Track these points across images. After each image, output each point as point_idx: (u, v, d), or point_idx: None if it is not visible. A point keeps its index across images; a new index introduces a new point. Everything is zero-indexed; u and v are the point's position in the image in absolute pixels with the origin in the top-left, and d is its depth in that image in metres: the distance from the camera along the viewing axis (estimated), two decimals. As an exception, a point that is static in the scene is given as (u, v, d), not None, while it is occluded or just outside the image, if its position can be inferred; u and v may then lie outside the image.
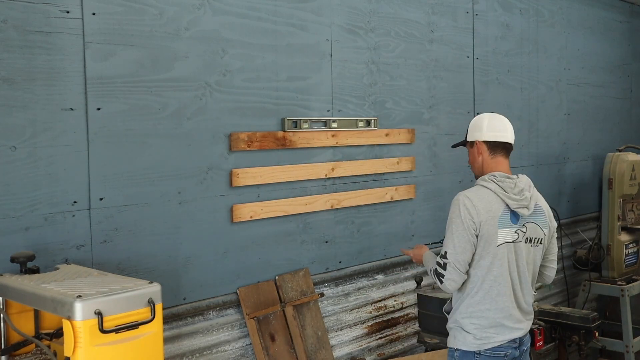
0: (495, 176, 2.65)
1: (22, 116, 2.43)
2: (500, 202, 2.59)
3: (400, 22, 3.90)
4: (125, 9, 2.69)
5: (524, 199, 2.62)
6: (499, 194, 2.60)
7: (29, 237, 2.46)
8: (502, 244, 2.59)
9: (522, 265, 2.66)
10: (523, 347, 2.78)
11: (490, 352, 2.66)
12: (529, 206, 2.63)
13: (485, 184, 2.64)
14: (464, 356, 2.69)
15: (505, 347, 2.67)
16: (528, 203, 2.62)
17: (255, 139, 3.15)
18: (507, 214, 2.60)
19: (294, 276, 3.37)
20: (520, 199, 2.61)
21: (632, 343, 4.80)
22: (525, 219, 2.64)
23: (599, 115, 5.81)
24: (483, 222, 2.56)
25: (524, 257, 2.65)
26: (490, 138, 2.72)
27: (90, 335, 1.91)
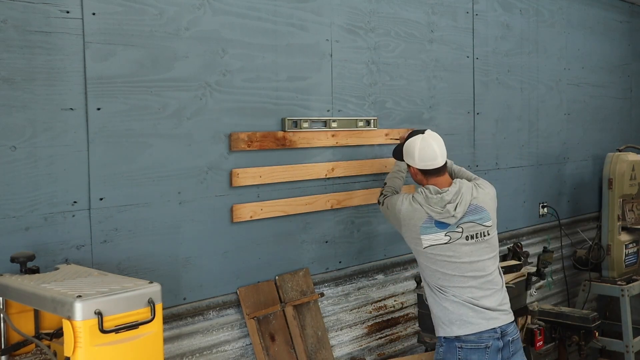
0: (427, 190, 3.01)
1: (22, 116, 2.43)
2: (423, 212, 2.98)
3: (400, 22, 3.90)
4: (125, 9, 2.69)
5: (445, 212, 2.95)
6: (423, 206, 2.98)
7: (29, 237, 2.46)
8: (429, 247, 2.97)
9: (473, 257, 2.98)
10: (507, 337, 3.00)
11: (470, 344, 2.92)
12: (456, 214, 2.95)
13: (416, 197, 3.04)
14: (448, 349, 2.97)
15: (485, 338, 2.93)
16: (450, 214, 2.94)
17: (255, 139, 3.15)
18: (431, 222, 2.98)
19: (294, 276, 3.37)
20: (442, 211, 2.96)
21: (632, 343, 4.80)
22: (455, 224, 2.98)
23: (599, 115, 5.82)
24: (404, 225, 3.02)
25: (472, 252, 2.99)
26: (422, 167, 3.08)
27: (90, 335, 1.91)
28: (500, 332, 2.96)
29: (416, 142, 3.09)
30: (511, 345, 3.01)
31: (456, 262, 2.96)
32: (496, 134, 4.68)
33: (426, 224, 2.97)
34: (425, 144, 3.07)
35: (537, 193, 5.15)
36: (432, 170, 3.06)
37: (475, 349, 2.92)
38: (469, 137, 4.44)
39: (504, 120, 4.74)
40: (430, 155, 3.05)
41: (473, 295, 2.96)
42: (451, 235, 2.97)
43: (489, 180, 4.59)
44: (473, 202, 3.03)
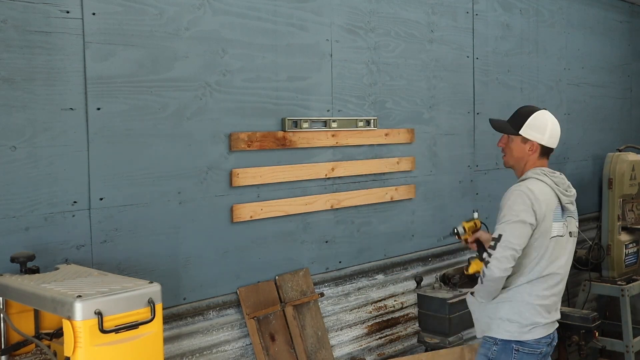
0: (545, 171, 2.73)
1: (22, 116, 2.43)
2: (554, 196, 2.68)
3: (400, 22, 3.90)
4: (125, 9, 2.69)
5: (572, 195, 2.75)
6: (553, 188, 2.69)
7: (29, 237, 2.46)
8: (554, 237, 2.67)
9: (565, 258, 2.75)
10: (553, 342, 2.84)
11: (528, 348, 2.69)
12: (573, 202, 2.76)
13: (541, 178, 2.70)
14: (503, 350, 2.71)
15: (542, 343, 2.73)
16: (574, 198, 2.76)
17: (255, 139, 3.15)
18: (559, 208, 2.70)
19: (294, 276, 3.37)
20: (569, 194, 2.74)
21: (632, 343, 4.80)
22: (567, 213, 2.74)
23: (599, 115, 5.81)
24: (544, 216, 2.63)
25: (568, 251, 2.76)
26: (549, 144, 2.82)
27: (90, 335, 1.91)
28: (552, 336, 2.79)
29: (547, 118, 2.83)
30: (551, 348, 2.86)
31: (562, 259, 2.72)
32: (496, 134, 4.66)
33: (557, 209, 2.69)
34: (556, 122, 2.86)
35: (537, 193, 5.13)
36: (550, 150, 2.83)
37: (531, 354, 2.71)
38: (469, 137, 4.44)
39: (504, 120, 4.73)
40: (558, 134, 2.85)
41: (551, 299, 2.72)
42: (564, 227, 2.72)
43: (489, 180, 4.63)
44: None
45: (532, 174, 2.74)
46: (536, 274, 2.67)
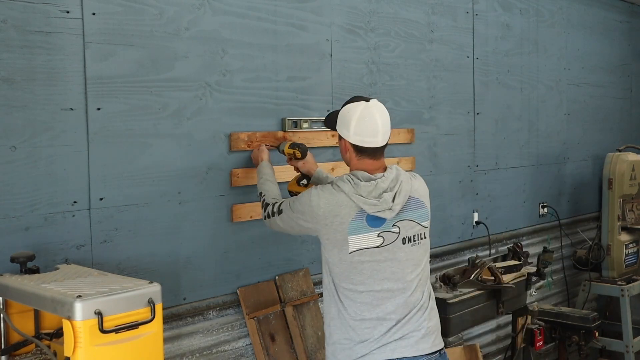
0: (355, 176, 2.42)
1: (22, 116, 2.43)
2: (353, 206, 2.37)
3: (400, 22, 3.90)
4: (125, 9, 2.69)
5: (383, 202, 2.36)
6: (352, 197, 2.36)
7: (29, 237, 2.46)
8: (357, 251, 2.37)
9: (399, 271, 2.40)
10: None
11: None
12: (393, 207, 2.38)
13: (340, 186, 2.41)
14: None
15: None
16: (389, 206, 2.37)
17: (255, 139, 3.15)
18: (363, 218, 2.37)
19: (294, 276, 3.37)
20: (378, 202, 2.35)
21: (632, 343, 4.81)
22: (393, 219, 2.41)
23: (599, 115, 5.82)
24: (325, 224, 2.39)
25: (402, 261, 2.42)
26: (356, 142, 2.47)
27: (90, 335, 1.91)
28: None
29: (356, 110, 2.48)
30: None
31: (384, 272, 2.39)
32: (496, 134, 4.68)
33: (356, 220, 2.36)
34: (367, 114, 2.46)
35: (537, 193, 5.14)
36: (368, 149, 2.45)
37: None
38: (469, 137, 4.44)
39: (504, 120, 4.74)
40: (370, 129, 2.44)
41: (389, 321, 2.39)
42: (385, 236, 2.39)
43: (489, 180, 4.63)
44: (413, 194, 2.48)
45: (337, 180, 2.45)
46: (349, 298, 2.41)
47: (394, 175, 2.44)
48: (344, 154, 2.57)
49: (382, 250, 2.39)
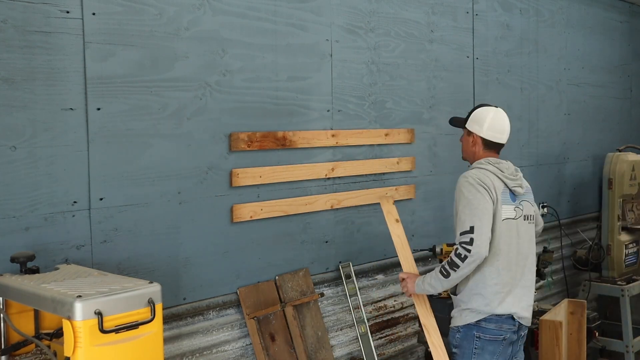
0: (490, 160, 2.89)
1: (22, 116, 2.43)
2: (499, 181, 2.82)
3: (400, 22, 3.90)
4: (125, 9, 2.69)
5: (518, 178, 2.88)
6: (497, 174, 2.83)
7: (29, 237, 2.46)
8: (505, 220, 2.80)
9: (523, 241, 2.86)
10: (521, 332, 2.91)
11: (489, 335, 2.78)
12: (522, 185, 2.89)
13: (483, 167, 2.86)
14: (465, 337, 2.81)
15: (504, 330, 2.80)
16: (522, 182, 2.90)
17: (255, 139, 3.15)
18: (507, 192, 2.83)
19: (294, 276, 3.37)
20: (515, 178, 2.87)
21: (632, 343, 4.80)
22: (520, 197, 2.89)
23: (599, 115, 5.82)
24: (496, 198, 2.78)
25: (525, 234, 2.87)
26: (488, 137, 2.95)
27: (90, 335, 1.91)
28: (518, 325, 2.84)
29: (489, 112, 2.98)
30: (520, 340, 2.93)
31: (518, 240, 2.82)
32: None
33: (504, 193, 2.82)
34: (499, 116, 2.97)
35: (537, 193, 5.11)
36: (495, 144, 2.95)
37: (492, 341, 2.79)
38: (469, 137, 4.43)
39: (504, 120, 4.73)
40: (501, 127, 2.95)
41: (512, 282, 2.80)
42: (517, 210, 2.85)
43: (489, 180, 4.63)
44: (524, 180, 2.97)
45: (476, 164, 2.91)
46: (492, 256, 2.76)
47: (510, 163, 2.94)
48: (470, 147, 2.99)
49: (514, 223, 2.83)
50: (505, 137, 2.98)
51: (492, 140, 2.95)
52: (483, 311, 2.78)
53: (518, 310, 2.82)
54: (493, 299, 2.77)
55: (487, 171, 2.84)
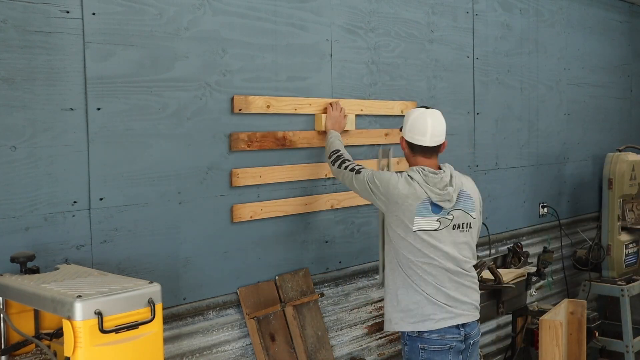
0: (424, 169, 2.88)
1: (22, 116, 2.43)
2: (422, 192, 2.83)
3: (400, 22, 3.90)
4: (125, 9, 2.69)
5: (446, 194, 2.85)
6: (422, 186, 2.84)
7: (29, 237, 2.46)
8: (419, 231, 2.83)
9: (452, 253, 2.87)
10: (470, 340, 2.93)
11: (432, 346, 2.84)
12: (452, 199, 2.86)
13: (412, 175, 2.88)
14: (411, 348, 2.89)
15: (448, 339, 2.85)
16: (450, 197, 2.85)
17: (255, 139, 3.15)
18: (427, 204, 2.84)
19: (294, 276, 3.38)
20: (443, 193, 2.85)
21: (632, 343, 4.81)
22: (449, 208, 2.88)
23: (599, 115, 5.82)
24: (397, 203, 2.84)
25: (452, 243, 2.88)
26: (409, 139, 2.98)
27: (90, 335, 1.91)
28: (464, 333, 2.89)
29: (414, 112, 2.99)
30: (471, 347, 2.94)
31: (440, 252, 2.84)
32: (496, 134, 4.68)
33: (423, 205, 2.83)
34: (421, 117, 2.94)
35: (537, 193, 5.15)
36: (418, 147, 2.94)
37: (438, 351, 2.84)
38: (469, 137, 4.44)
39: (504, 120, 4.74)
40: (420, 129, 2.92)
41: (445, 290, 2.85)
42: (441, 221, 2.85)
43: (489, 180, 4.63)
44: (463, 188, 2.95)
45: (409, 171, 2.92)
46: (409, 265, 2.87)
47: (450, 172, 2.92)
48: (403, 149, 3.05)
49: (437, 233, 2.84)
50: (427, 140, 2.91)
51: (413, 142, 2.95)
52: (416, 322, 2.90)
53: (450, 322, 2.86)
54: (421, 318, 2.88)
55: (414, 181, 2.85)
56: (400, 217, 2.85)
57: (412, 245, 2.84)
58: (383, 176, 2.91)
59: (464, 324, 2.88)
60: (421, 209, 2.82)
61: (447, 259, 2.86)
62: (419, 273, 2.85)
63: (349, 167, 3.02)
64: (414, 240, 2.83)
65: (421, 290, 2.85)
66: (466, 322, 2.89)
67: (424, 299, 2.84)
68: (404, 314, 2.89)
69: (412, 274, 2.87)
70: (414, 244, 2.84)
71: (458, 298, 2.88)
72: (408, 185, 2.84)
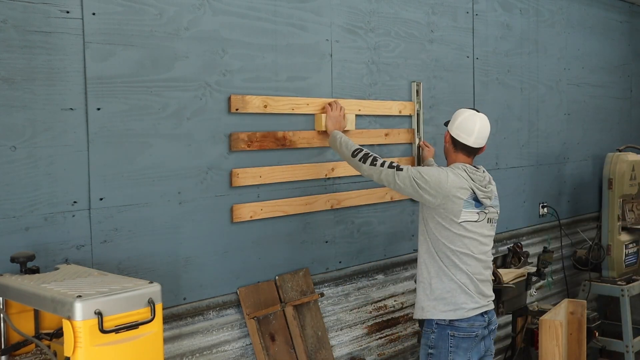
0: (467, 167, 3.05)
1: (22, 116, 2.43)
2: (469, 188, 2.99)
3: (400, 22, 3.90)
4: (125, 9, 2.69)
5: (489, 192, 3.07)
6: (468, 182, 3.00)
7: (29, 237, 2.46)
8: (464, 222, 2.99)
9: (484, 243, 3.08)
10: (491, 326, 3.13)
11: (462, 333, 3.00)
12: (492, 197, 3.09)
13: (459, 172, 3.02)
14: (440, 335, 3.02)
15: (476, 327, 3.02)
16: (491, 195, 3.08)
17: (255, 139, 3.15)
18: (472, 199, 3.00)
19: (294, 276, 3.37)
20: (486, 191, 3.05)
21: (632, 343, 4.81)
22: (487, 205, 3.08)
23: (599, 115, 5.82)
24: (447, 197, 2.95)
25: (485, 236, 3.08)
26: (454, 135, 3.12)
27: (90, 335, 1.91)
28: (487, 320, 3.08)
29: (465, 112, 3.13)
30: (492, 334, 3.14)
31: (477, 242, 3.03)
32: (496, 134, 4.68)
33: (469, 198, 2.99)
34: (471, 118, 3.09)
35: (537, 193, 5.15)
36: (462, 145, 3.08)
37: (466, 338, 3.00)
38: (469, 137, 4.43)
39: (504, 120, 4.74)
40: (469, 129, 3.07)
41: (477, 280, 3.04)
42: (480, 214, 3.04)
43: (489, 180, 4.63)
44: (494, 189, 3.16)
45: (454, 167, 3.07)
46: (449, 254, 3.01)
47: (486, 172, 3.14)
48: (445, 143, 3.20)
49: (477, 225, 3.03)
50: (472, 140, 3.06)
51: (457, 139, 3.09)
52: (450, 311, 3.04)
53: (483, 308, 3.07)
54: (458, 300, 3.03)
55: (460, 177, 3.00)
56: (448, 209, 2.97)
57: (454, 234, 2.99)
58: (431, 171, 3.02)
59: (487, 311, 3.08)
60: (467, 203, 2.98)
61: (481, 250, 3.06)
62: (456, 262, 3.00)
63: (385, 164, 3.04)
64: (458, 230, 2.99)
65: (456, 279, 3.00)
66: (488, 309, 3.09)
67: (458, 287, 3.00)
68: (437, 302, 3.02)
69: (449, 263, 3.01)
70: (457, 232, 2.99)
71: (484, 288, 3.08)
72: (457, 179, 2.98)
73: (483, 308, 3.06)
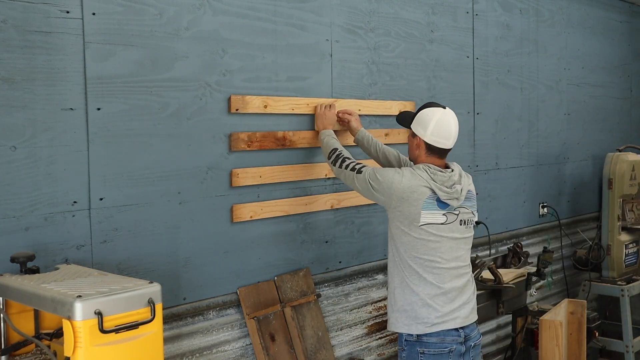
0: (429, 167, 2.85)
1: (22, 116, 2.43)
2: (428, 188, 2.79)
3: (400, 22, 3.90)
4: (125, 9, 2.69)
5: (455, 192, 2.83)
6: (429, 182, 2.79)
7: (29, 237, 2.46)
8: (425, 225, 2.79)
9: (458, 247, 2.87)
10: (470, 342, 2.89)
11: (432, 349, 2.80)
12: (460, 197, 2.84)
13: (418, 172, 2.83)
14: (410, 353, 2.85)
15: (448, 342, 2.81)
16: (458, 195, 2.84)
17: (255, 139, 3.15)
18: (433, 200, 2.80)
19: (294, 276, 3.38)
20: (451, 191, 2.82)
21: (632, 343, 4.81)
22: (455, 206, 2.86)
23: (599, 115, 5.82)
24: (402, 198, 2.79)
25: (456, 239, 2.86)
26: (431, 142, 2.89)
27: (90, 335, 1.91)
28: (464, 335, 2.85)
29: (435, 114, 2.88)
30: (472, 350, 2.91)
31: (444, 246, 2.82)
32: (496, 134, 4.68)
33: (429, 200, 2.79)
34: (445, 120, 2.87)
35: (537, 193, 5.15)
36: (438, 149, 2.88)
37: (438, 355, 2.80)
38: (469, 137, 4.44)
39: (504, 120, 4.74)
40: (446, 132, 2.86)
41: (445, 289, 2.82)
42: (448, 216, 2.83)
43: (489, 180, 4.63)
44: (469, 187, 2.95)
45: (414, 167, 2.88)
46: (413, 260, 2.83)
47: (458, 171, 2.90)
48: (414, 150, 2.97)
49: (444, 227, 2.82)
50: (450, 143, 2.89)
51: (436, 145, 2.88)
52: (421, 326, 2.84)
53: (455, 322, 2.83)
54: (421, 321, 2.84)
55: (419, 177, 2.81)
56: (405, 212, 2.80)
57: (416, 240, 2.80)
58: (386, 172, 2.86)
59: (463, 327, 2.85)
60: (427, 204, 2.78)
61: (451, 255, 2.84)
62: (419, 272, 2.81)
63: (349, 166, 2.96)
64: (419, 235, 2.79)
65: (418, 290, 2.81)
66: (464, 324, 2.85)
67: (419, 300, 2.81)
68: (399, 314, 2.87)
69: (411, 273, 2.83)
70: (419, 237, 2.79)
71: (457, 300, 2.84)
72: (414, 179, 2.79)
73: (453, 322, 2.82)
